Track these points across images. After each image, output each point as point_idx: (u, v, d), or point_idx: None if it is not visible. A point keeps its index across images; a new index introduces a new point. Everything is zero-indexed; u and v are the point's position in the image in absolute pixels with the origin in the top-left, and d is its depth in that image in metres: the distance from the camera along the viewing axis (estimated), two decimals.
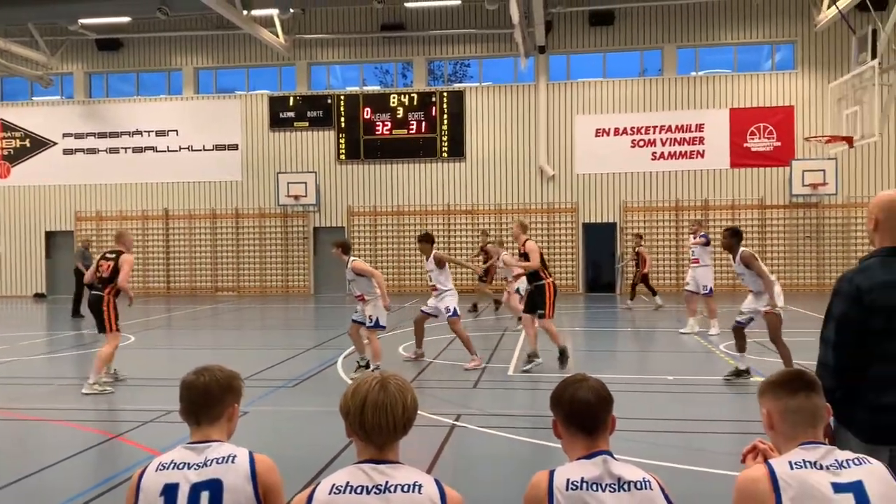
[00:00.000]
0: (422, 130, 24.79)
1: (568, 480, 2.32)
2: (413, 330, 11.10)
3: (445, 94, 24.73)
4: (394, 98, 24.89)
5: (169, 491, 2.37)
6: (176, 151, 25.98)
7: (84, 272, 17.91)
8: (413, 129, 24.82)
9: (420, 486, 2.14)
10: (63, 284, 26.55)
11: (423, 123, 24.77)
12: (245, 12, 21.19)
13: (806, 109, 23.16)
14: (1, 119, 26.76)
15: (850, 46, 18.10)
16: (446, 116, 24.68)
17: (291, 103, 25.45)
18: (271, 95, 25.64)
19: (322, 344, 13.01)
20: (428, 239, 10.72)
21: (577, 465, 2.37)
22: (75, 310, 17.90)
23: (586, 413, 2.42)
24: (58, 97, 27.00)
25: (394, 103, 24.86)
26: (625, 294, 23.20)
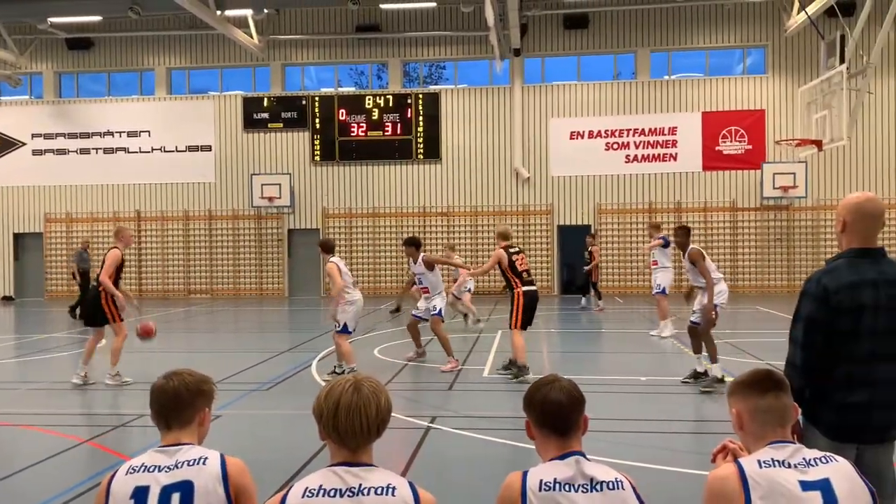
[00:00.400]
0: (397, 132, 24.77)
1: (541, 481, 2.33)
2: (409, 334, 11.20)
3: (421, 96, 24.73)
4: (369, 99, 24.84)
5: (139, 494, 2.35)
6: (148, 152, 25.70)
7: (83, 273, 17.86)
8: (388, 131, 24.78)
9: (393, 489, 2.15)
10: (32, 287, 26.14)
11: (399, 125, 24.75)
12: (218, 12, 21.02)
13: (776, 113, 23.50)
14: None
15: (819, 51, 18.40)
16: (422, 118, 24.68)
17: (265, 104, 25.29)
18: (245, 96, 25.47)
19: (296, 347, 12.94)
20: (414, 242, 10.77)
21: (550, 466, 2.38)
22: (82, 312, 17.23)
23: (558, 414, 2.43)
24: (27, 97, 26.58)
25: (369, 105, 24.81)
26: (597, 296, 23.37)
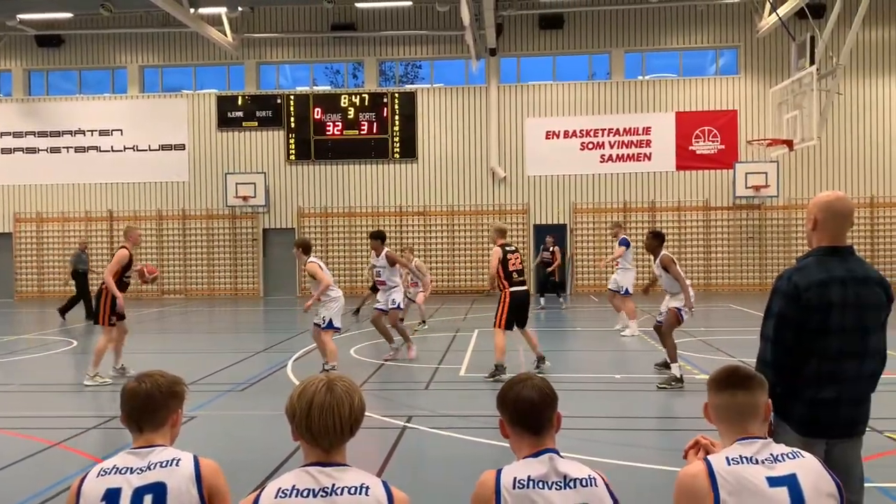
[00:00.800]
0: (373, 131, 24.70)
1: (515, 479, 2.34)
2: (377, 330, 11.22)
3: (397, 95, 24.68)
4: (345, 98, 24.74)
5: (111, 496, 2.32)
6: (120, 151, 25.38)
7: (80, 274, 17.79)
8: (364, 130, 24.71)
9: (367, 488, 2.14)
10: (1, 288, 25.71)
11: (375, 124, 24.68)
12: (192, 10, 20.81)
13: (749, 113, 23.79)
14: None
15: (790, 53, 18.66)
16: (398, 117, 24.64)
17: (240, 103, 25.09)
18: (219, 95, 25.25)
19: (271, 347, 12.86)
20: (380, 236, 11.14)
21: (524, 464, 2.40)
22: (88, 312, 17.08)
23: (530, 412, 2.45)
24: None
25: (345, 104, 24.71)
26: (576, 295, 23.50)
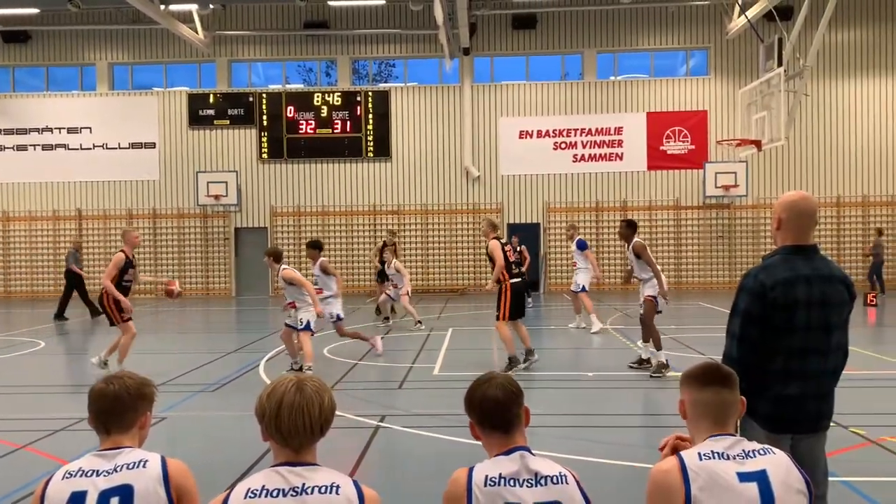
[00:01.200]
0: (347, 130, 24.60)
1: (486, 476, 2.35)
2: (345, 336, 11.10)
3: (370, 94, 24.61)
4: (318, 97, 24.61)
5: (76, 499, 2.29)
6: (89, 149, 25.00)
7: (76, 274, 17.75)
8: (338, 129, 24.60)
9: (337, 487, 2.14)
10: None
11: (348, 123, 24.59)
12: (162, 7, 20.57)
13: (718, 114, 24.09)
14: None
15: (759, 54, 18.93)
16: (371, 116, 24.57)
17: (211, 101, 24.84)
18: (190, 92, 24.97)
19: (244, 347, 12.76)
20: (316, 245, 10.94)
21: (495, 462, 2.41)
22: (60, 312, 17.55)
23: (497, 410, 2.46)
24: None
25: (318, 102, 24.58)
26: (549, 294, 23.63)
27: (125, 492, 2.31)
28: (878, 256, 21.25)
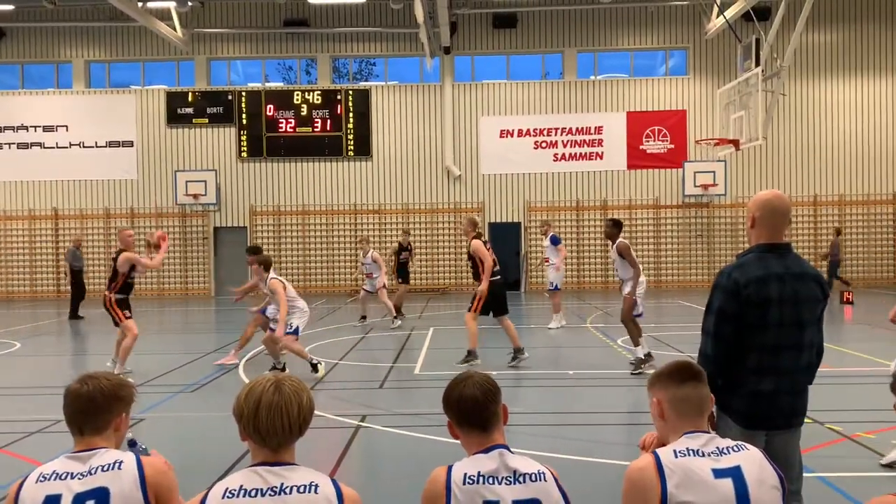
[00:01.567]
0: (327, 128, 24.51)
1: (465, 475, 2.36)
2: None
3: (351, 93, 24.54)
4: (298, 95, 24.50)
5: (50, 503, 2.26)
6: (66, 148, 24.71)
7: (76, 272, 17.55)
8: (318, 127, 24.50)
9: (316, 486, 2.13)
10: None
11: (329, 121, 24.50)
12: (140, 4, 20.37)
13: (697, 113, 24.28)
14: None
15: (737, 54, 19.10)
16: (352, 115, 24.50)
17: (190, 99, 24.64)
18: (168, 91, 24.76)
19: (223, 347, 12.65)
20: (255, 252, 10.47)
21: (474, 460, 2.42)
22: (73, 311, 17.44)
23: (475, 409, 2.47)
24: None
25: (298, 100, 24.47)
26: (530, 293, 23.70)
27: (101, 495, 2.28)
28: (836, 256, 21.13)
